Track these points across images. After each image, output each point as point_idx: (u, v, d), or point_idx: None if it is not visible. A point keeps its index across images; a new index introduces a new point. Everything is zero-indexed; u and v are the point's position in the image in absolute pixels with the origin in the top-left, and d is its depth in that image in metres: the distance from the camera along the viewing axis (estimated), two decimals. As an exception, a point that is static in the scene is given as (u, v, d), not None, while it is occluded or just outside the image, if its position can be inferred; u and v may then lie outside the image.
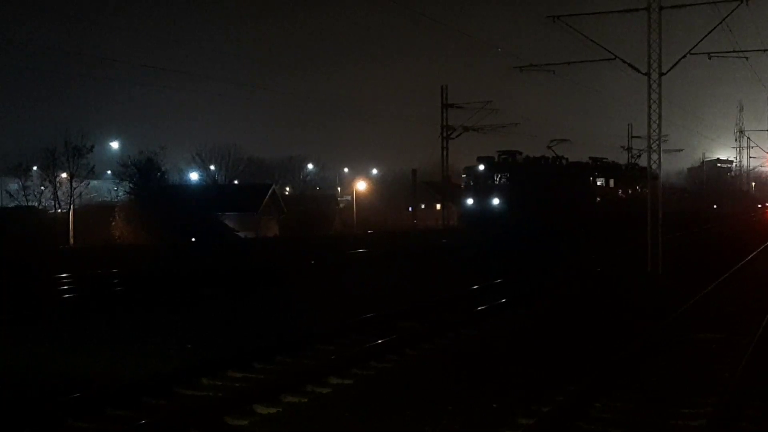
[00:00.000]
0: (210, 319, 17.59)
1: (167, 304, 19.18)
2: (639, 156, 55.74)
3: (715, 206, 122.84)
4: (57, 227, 53.76)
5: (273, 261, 32.12)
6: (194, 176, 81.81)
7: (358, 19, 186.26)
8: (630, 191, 52.37)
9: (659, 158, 29.60)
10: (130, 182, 59.48)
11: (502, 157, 42.90)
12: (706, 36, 28.61)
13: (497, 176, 42.25)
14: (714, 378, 11.81)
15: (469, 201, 42.54)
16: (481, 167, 42.23)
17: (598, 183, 48.79)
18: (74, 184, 56.58)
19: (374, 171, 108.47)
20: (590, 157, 49.11)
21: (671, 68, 28.86)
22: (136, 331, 15.75)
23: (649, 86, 28.62)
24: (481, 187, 42.17)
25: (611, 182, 50.06)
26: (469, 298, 20.14)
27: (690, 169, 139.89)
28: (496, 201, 41.33)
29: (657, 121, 28.83)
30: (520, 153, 43.28)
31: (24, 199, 60.56)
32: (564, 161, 45.55)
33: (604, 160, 50.39)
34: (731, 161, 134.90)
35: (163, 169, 61.51)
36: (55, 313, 18.00)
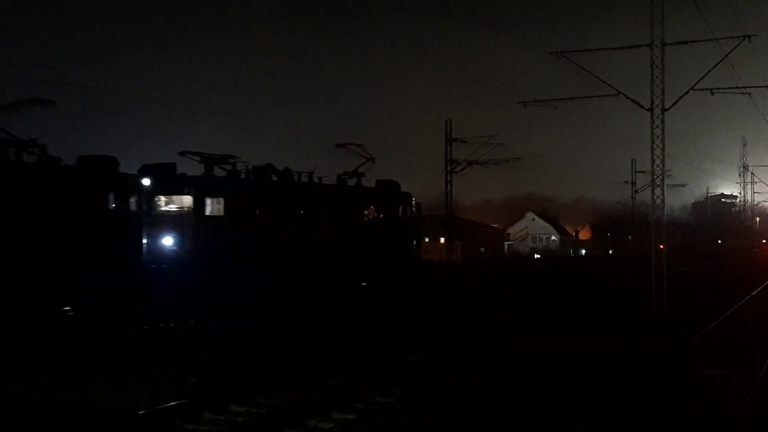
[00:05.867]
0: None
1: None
2: (364, 165, 30.73)
3: (719, 241, 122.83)
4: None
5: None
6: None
7: (363, 53, 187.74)
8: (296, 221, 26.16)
9: (663, 193, 29.63)
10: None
11: None
12: (708, 72, 28.78)
13: None
14: (720, 414, 11.75)
15: None
16: None
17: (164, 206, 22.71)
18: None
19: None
20: (184, 152, 24.16)
21: (674, 104, 28.97)
22: (137, 365, 15.72)
23: (653, 122, 28.71)
24: None
25: (219, 203, 23.59)
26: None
27: (694, 204, 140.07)
28: None
29: (660, 156, 28.88)
30: None
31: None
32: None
33: (240, 163, 24.96)
34: (735, 196, 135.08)
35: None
36: (60, 345, 17.93)
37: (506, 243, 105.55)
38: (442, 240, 70.25)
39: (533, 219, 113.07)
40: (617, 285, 36.61)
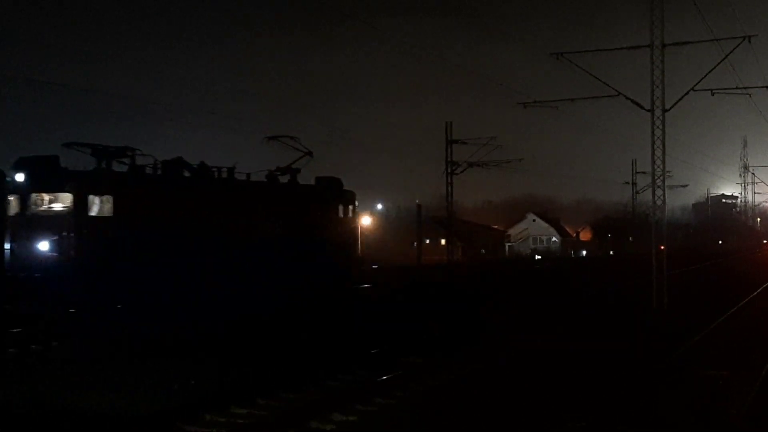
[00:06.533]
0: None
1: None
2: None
3: (720, 242, 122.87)
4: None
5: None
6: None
7: (364, 56, 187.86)
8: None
9: (663, 194, 29.61)
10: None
11: None
12: (709, 73, 28.75)
13: None
14: (720, 415, 11.75)
15: None
16: None
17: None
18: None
19: (379, 206, 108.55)
20: (70, 144, 21.37)
21: (674, 104, 28.96)
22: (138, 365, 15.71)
23: (653, 122, 28.69)
24: None
25: (108, 202, 20.70)
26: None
27: (695, 205, 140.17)
28: None
29: (661, 157, 28.86)
30: None
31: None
32: None
33: (146, 157, 22.30)
34: (736, 197, 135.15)
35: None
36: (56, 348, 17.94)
37: (507, 244, 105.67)
38: (443, 241, 70.36)
39: (534, 220, 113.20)
40: (618, 286, 36.59)
